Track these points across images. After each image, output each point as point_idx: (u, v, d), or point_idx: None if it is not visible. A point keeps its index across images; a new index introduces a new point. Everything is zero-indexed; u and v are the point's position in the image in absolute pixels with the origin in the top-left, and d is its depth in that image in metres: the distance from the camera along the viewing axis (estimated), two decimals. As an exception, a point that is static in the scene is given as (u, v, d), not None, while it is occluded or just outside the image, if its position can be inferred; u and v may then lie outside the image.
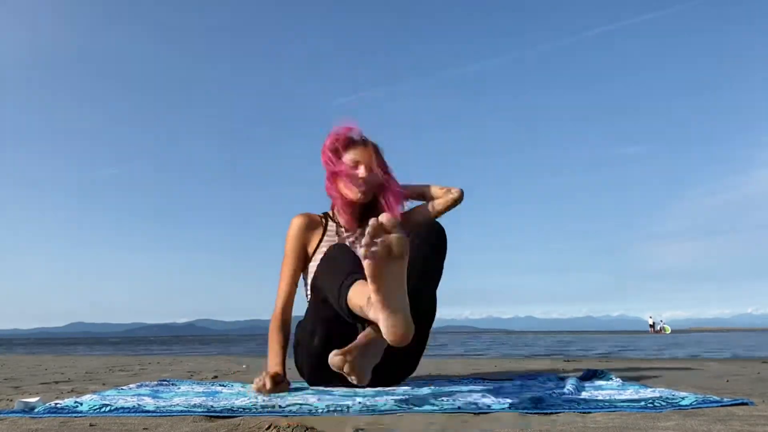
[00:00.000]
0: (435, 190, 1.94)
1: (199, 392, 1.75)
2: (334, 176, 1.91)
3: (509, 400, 1.37)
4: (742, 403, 1.31)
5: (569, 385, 1.63)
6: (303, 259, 1.93)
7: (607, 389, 1.64)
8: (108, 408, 1.34)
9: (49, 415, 1.29)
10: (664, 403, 1.31)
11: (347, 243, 1.89)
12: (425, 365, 3.31)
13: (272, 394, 1.59)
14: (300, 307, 1.89)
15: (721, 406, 1.29)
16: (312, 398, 1.47)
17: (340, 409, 1.29)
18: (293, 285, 1.91)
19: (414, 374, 2.09)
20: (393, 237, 1.16)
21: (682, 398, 1.38)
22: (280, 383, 1.67)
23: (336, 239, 1.91)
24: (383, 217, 1.16)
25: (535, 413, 1.24)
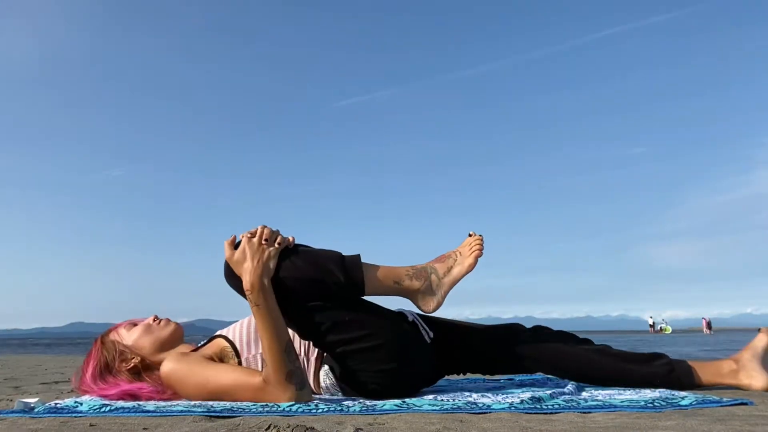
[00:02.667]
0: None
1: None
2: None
3: (509, 400, 1.37)
4: (742, 403, 1.31)
5: (569, 385, 1.63)
6: None
7: (607, 389, 1.64)
8: (108, 408, 1.34)
9: (49, 415, 1.29)
10: (663, 403, 1.31)
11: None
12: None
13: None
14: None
15: (721, 406, 1.29)
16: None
17: (340, 408, 1.29)
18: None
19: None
20: None
21: (682, 398, 1.38)
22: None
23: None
24: None
25: (535, 413, 1.24)
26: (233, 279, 1.44)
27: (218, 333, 1.67)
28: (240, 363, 1.57)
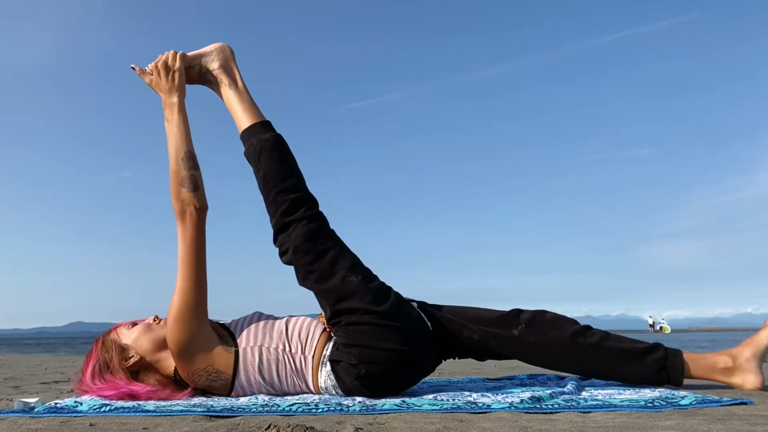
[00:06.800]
0: None
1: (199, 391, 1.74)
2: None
3: (509, 400, 1.37)
4: (742, 403, 1.31)
5: (569, 385, 1.63)
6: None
7: (607, 389, 1.64)
8: (108, 408, 1.34)
9: (48, 414, 1.29)
10: (663, 403, 1.31)
11: None
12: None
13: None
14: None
15: (721, 405, 1.29)
16: (312, 398, 1.47)
17: (340, 408, 1.30)
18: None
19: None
20: None
21: (682, 398, 1.37)
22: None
23: None
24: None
25: (535, 413, 1.24)
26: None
27: (221, 321, 1.68)
28: (237, 351, 1.56)
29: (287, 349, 1.56)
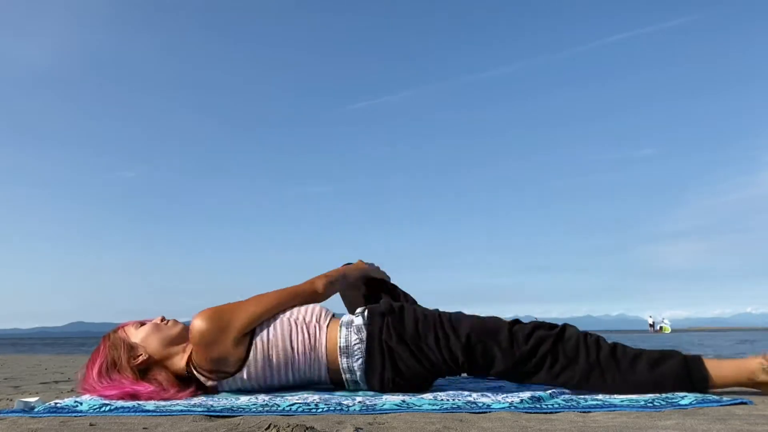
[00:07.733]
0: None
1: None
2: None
3: (509, 400, 1.37)
4: (741, 403, 1.31)
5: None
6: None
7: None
8: (108, 407, 1.34)
9: (48, 414, 1.29)
10: (663, 403, 1.31)
11: None
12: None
13: None
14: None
15: (721, 405, 1.29)
16: (312, 398, 1.47)
17: (340, 408, 1.30)
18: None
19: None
20: None
21: (682, 397, 1.37)
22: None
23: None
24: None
25: (535, 413, 1.24)
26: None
27: None
28: (252, 337, 1.58)
29: (301, 318, 1.63)
